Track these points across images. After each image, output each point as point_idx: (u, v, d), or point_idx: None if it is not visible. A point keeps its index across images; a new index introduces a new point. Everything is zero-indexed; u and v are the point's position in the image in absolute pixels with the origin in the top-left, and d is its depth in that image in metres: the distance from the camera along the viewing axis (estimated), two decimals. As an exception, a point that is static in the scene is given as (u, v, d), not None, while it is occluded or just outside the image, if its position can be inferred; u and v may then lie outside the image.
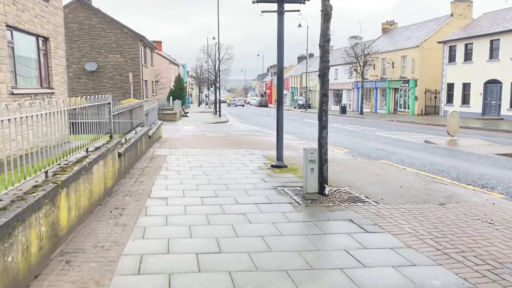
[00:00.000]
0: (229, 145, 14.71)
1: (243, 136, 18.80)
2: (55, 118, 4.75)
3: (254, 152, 12.96)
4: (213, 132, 22.45)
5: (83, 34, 32.60)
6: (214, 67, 45.65)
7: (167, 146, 13.90)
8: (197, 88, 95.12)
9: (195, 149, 13.36)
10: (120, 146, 8.41)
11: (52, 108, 4.65)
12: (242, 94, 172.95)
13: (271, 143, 15.71)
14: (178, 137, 17.86)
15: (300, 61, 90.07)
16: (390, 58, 44.37)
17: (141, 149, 11.03)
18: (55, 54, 13.80)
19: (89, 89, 32.99)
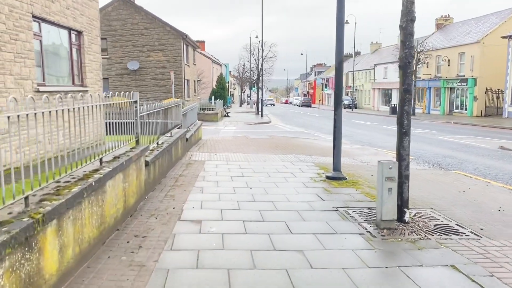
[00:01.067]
0: (273, 149, 13.21)
1: (288, 139, 17.24)
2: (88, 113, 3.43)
3: (303, 158, 11.38)
4: (255, 133, 21.03)
5: (126, 32, 32.24)
6: (257, 66, 44.36)
7: (206, 150, 12.59)
8: (238, 87, 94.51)
9: (236, 153, 11.96)
10: (150, 152, 7.11)
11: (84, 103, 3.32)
12: (284, 94, 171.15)
13: (321, 148, 14.05)
14: (218, 139, 16.58)
15: (345, 59, 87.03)
16: (446, 55, 41.21)
17: (176, 154, 9.75)
18: (89, 50, 12.84)
19: (131, 88, 32.58)
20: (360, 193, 7.24)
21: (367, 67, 65.28)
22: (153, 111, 7.78)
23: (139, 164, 6.06)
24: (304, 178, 8.48)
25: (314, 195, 7.00)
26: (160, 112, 8.49)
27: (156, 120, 8.13)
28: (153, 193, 6.86)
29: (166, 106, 9.36)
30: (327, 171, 9.25)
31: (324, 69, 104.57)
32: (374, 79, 59.37)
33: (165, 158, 8.12)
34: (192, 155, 11.30)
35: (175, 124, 10.91)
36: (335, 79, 8.82)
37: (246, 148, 13.49)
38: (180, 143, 10.38)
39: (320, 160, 11.12)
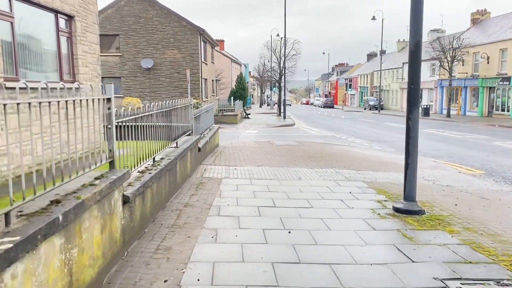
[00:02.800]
0: (307, 160, 10.65)
1: (320, 146, 14.65)
2: None
3: (348, 174, 8.79)
4: (280, 138, 18.50)
5: (139, 28, 30.16)
6: (279, 64, 41.78)
7: (224, 162, 10.12)
8: (258, 88, 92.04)
9: (261, 167, 9.45)
10: (137, 178, 4.68)
11: None
12: (304, 95, 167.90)
13: (364, 159, 11.42)
14: (238, 146, 14.11)
15: (369, 58, 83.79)
16: (485, 52, 37.80)
17: (183, 172, 7.31)
18: (83, 39, 10.53)
19: (144, 88, 30.52)
20: (461, 242, 4.63)
21: (394, 66, 61.96)
22: (145, 115, 5.34)
23: (109, 205, 3.62)
24: (363, 211, 5.91)
25: (391, 248, 4.43)
26: (159, 115, 6.06)
27: (153, 127, 5.71)
28: (139, 244, 4.40)
29: (169, 107, 6.93)
30: (389, 198, 6.67)
31: (346, 69, 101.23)
32: (402, 78, 56.04)
33: (163, 182, 5.67)
34: (206, 170, 8.83)
35: (184, 130, 8.48)
36: (410, 68, 6.25)
37: (273, 158, 10.97)
38: (190, 155, 7.94)
39: (371, 178, 8.52)
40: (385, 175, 8.98)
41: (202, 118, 11.11)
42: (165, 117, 6.80)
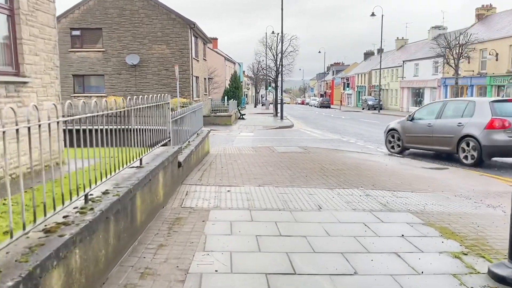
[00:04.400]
0: (320, 175, 8.27)
1: (330, 153, 12.28)
2: None
3: (385, 199, 6.41)
4: (280, 142, 16.13)
5: (124, 21, 27.62)
6: (276, 61, 39.39)
7: (213, 179, 7.69)
8: (253, 88, 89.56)
9: (264, 187, 7.04)
10: (32, 251, 2.26)
11: None
12: (298, 95, 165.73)
13: (393, 172, 9.05)
14: (233, 153, 11.71)
15: (367, 57, 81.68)
16: (493, 49, 35.68)
17: (150, 203, 4.88)
18: (32, 19, 8.07)
19: (130, 86, 27.99)
20: None
21: (393, 65, 59.80)
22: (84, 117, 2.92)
23: None
24: (441, 280, 3.53)
25: None
26: (99, 119, 3.64)
27: (101, 136, 3.29)
28: None
29: (128, 107, 4.52)
30: (467, 247, 4.30)
31: (342, 68, 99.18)
32: (403, 77, 53.91)
33: (101, 240, 3.23)
34: (188, 194, 6.40)
35: (157, 139, 6.06)
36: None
37: (276, 172, 8.57)
38: (163, 177, 5.50)
39: (416, 204, 6.16)
40: (431, 198, 6.62)
41: (186, 121, 8.69)
42: (123, 121, 4.41)
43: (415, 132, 12.21)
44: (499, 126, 9.94)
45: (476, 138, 10.16)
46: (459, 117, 10.92)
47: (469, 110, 10.74)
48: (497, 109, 10.27)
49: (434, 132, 11.51)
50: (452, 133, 10.87)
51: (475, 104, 10.74)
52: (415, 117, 12.49)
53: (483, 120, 10.17)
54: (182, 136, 8.09)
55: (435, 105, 12.45)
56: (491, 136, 9.99)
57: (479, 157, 10.17)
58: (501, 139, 9.88)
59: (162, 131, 6.43)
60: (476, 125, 10.29)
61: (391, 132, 13.22)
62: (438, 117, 11.62)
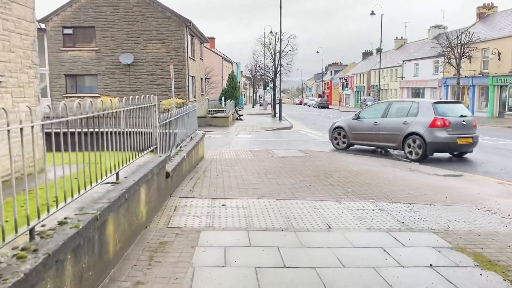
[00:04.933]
0: (325, 184, 7.49)
1: (334, 158, 11.49)
2: None
3: (402, 214, 5.63)
4: (280, 145, 15.35)
5: (118, 19, 26.77)
6: (274, 61, 38.58)
7: (207, 190, 6.89)
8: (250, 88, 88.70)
9: (263, 199, 6.25)
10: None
11: None
12: (296, 95, 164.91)
13: (406, 180, 8.27)
14: (229, 158, 10.93)
15: (365, 57, 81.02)
16: (496, 48, 35.00)
17: (127, 227, 4.08)
18: (6, 12, 7.30)
19: (124, 86, 27.14)
20: None
21: (392, 65, 59.11)
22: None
23: None
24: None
25: None
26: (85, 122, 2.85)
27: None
28: None
29: (105, 111, 3.73)
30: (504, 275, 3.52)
31: (340, 68, 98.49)
32: (402, 77, 53.19)
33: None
34: (177, 209, 5.60)
35: (142, 146, 5.26)
36: None
37: (277, 180, 7.77)
38: (145, 192, 4.71)
39: (437, 220, 5.38)
40: (452, 212, 5.85)
41: (178, 124, 7.89)
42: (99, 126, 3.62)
43: (362, 130, 13.00)
44: (441, 124, 11.06)
45: (421, 135, 11.19)
46: (404, 116, 11.84)
47: (413, 110, 11.71)
48: (439, 110, 11.41)
49: (381, 130, 12.38)
50: (398, 131, 11.76)
51: (419, 104, 11.77)
52: (361, 116, 13.26)
53: (427, 119, 11.20)
54: (173, 141, 7.29)
55: (381, 105, 13.30)
56: (434, 133, 11.06)
57: (423, 152, 11.17)
58: (443, 136, 11.06)
59: (147, 137, 5.63)
60: (421, 124, 11.30)
61: (337, 130, 13.95)
62: (384, 116, 12.46)
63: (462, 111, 11.92)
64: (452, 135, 11.13)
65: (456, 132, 11.19)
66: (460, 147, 11.44)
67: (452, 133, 11.13)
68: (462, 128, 11.33)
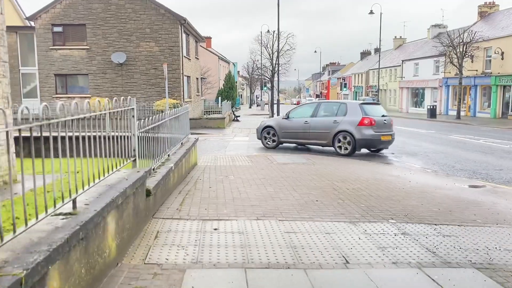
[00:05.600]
0: (335, 199, 6.52)
1: (339, 165, 10.52)
2: None
3: (430, 240, 4.66)
4: (279, 149, 14.37)
5: (110, 17, 25.73)
6: (271, 61, 37.61)
7: (197, 208, 5.90)
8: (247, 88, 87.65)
9: (263, 220, 5.27)
10: None
11: None
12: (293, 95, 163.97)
13: (423, 192, 7.31)
14: (224, 165, 9.96)
15: (363, 57, 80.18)
16: (499, 47, 34.15)
17: (83, 272, 3.09)
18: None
19: (116, 86, 26.11)
20: None
21: (391, 64, 58.26)
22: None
23: None
24: None
25: None
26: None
27: None
28: None
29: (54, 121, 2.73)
30: None
31: (338, 68, 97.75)
32: (402, 77, 52.33)
33: None
34: (159, 236, 4.61)
35: (115, 161, 4.27)
36: None
37: (278, 194, 6.80)
38: (114, 222, 3.71)
39: (477, 246, 4.43)
40: (489, 237, 4.89)
41: (165, 130, 6.90)
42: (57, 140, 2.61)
43: (292, 129, 13.73)
44: (368, 123, 12.26)
45: (351, 133, 12.31)
46: (334, 116, 12.90)
47: (342, 110, 12.83)
48: (365, 110, 12.60)
49: (312, 128, 13.22)
50: (329, 129, 12.71)
51: (347, 105, 12.93)
52: (291, 116, 14.00)
53: (356, 119, 12.35)
54: (159, 149, 6.30)
55: (310, 106, 14.28)
56: (362, 131, 12.24)
57: (353, 148, 12.37)
58: (370, 134, 12.29)
59: (123, 148, 4.64)
60: (350, 123, 12.38)
61: (266, 129, 14.42)
62: (314, 115, 13.39)
63: (383, 112, 13.31)
64: (377, 133, 12.36)
65: (380, 130, 12.46)
66: (383, 143, 12.75)
67: (376, 131, 12.36)
68: (384, 126, 12.66)
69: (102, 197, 3.56)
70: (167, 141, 7.04)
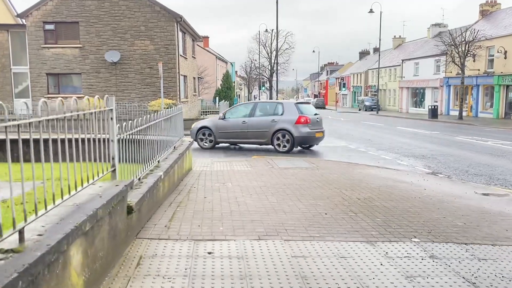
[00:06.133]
0: (346, 212, 5.77)
1: (346, 169, 9.77)
2: None
3: (478, 279, 3.90)
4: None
5: (103, 14, 24.94)
6: (270, 60, 36.85)
7: (188, 225, 5.13)
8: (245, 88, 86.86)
9: (266, 240, 4.52)
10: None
11: None
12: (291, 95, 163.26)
13: (441, 202, 6.56)
14: (221, 171, 9.20)
15: (362, 56, 79.49)
16: (502, 46, 33.48)
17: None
18: None
19: (110, 86, 25.31)
20: None
21: (390, 64, 57.58)
22: None
23: None
24: None
25: None
26: None
27: None
28: None
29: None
30: None
31: (336, 68, 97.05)
32: (402, 76, 51.64)
33: None
34: (140, 265, 3.83)
35: (90, 172, 3.50)
36: None
37: (282, 205, 6.05)
38: (80, 253, 2.95)
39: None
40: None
41: (155, 132, 6.13)
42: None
43: (229, 129, 13.92)
44: (304, 121, 12.99)
45: (289, 131, 12.95)
46: (271, 115, 13.39)
47: (278, 110, 13.45)
48: (301, 109, 13.36)
49: (250, 128, 13.54)
50: (267, 128, 13.11)
51: (283, 105, 13.61)
52: (227, 116, 14.15)
53: (293, 117, 13.01)
54: (146, 156, 5.53)
55: (246, 106, 14.71)
56: (300, 129, 12.95)
57: (291, 145, 13.03)
58: (306, 131, 13.05)
59: (101, 156, 3.88)
60: (288, 121, 12.99)
61: (202, 130, 14.39)
62: (251, 115, 13.72)
63: (314, 110, 14.29)
64: (312, 130, 13.18)
65: (314, 128, 13.28)
66: (317, 140, 13.63)
67: (311, 128, 13.16)
68: (317, 124, 13.52)
69: (63, 222, 2.79)
70: (157, 145, 6.27)
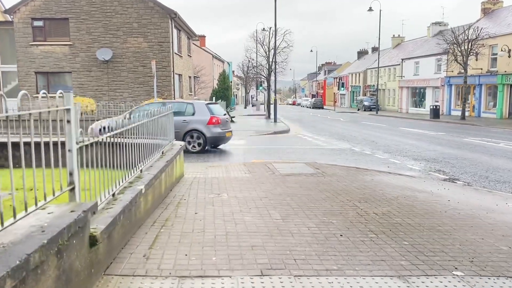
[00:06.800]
0: (365, 233, 4.82)
1: (355, 176, 8.82)
2: None
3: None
4: (279, 154, 12.70)
5: (94, 10, 23.91)
6: (268, 58, 35.89)
7: (173, 252, 4.15)
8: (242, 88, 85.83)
9: (270, 276, 3.55)
10: None
11: None
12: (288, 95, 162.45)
13: (473, 218, 5.59)
14: (217, 177, 8.24)
15: (360, 56, 78.67)
16: (506, 45, 32.64)
17: None
18: None
19: (101, 85, 24.29)
20: None
21: (389, 63, 56.71)
22: None
23: None
24: None
25: None
26: None
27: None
28: None
29: None
30: None
31: (334, 68, 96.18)
32: (402, 76, 50.78)
33: None
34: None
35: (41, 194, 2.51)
36: None
37: (288, 224, 5.09)
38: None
39: None
40: None
41: (138, 135, 5.15)
42: None
43: None
44: (216, 122, 13.24)
45: (201, 131, 13.09)
46: (182, 116, 13.21)
47: (189, 110, 13.50)
48: (212, 109, 13.58)
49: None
50: (179, 128, 12.54)
51: (194, 105, 13.66)
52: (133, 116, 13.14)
53: (205, 118, 13.17)
54: (124, 165, 4.55)
55: (154, 106, 14.34)
56: (211, 129, 13.17)
57: (204, 145, 13.15)
58: (218, 131, 13.30)
59: (52, 171, 2.90)
60: (200, 122, 13.15)
61: None
62: None
63: (223, 111, 14.68)
64: (223, 130, 13.46)
65: (224, 128, 13.56)
66: (227, 139, 13.97)
67: (222, 128, 13.44)
68: (226, 124, 13.83)
69: None
70: (139, 152, 5.29)
